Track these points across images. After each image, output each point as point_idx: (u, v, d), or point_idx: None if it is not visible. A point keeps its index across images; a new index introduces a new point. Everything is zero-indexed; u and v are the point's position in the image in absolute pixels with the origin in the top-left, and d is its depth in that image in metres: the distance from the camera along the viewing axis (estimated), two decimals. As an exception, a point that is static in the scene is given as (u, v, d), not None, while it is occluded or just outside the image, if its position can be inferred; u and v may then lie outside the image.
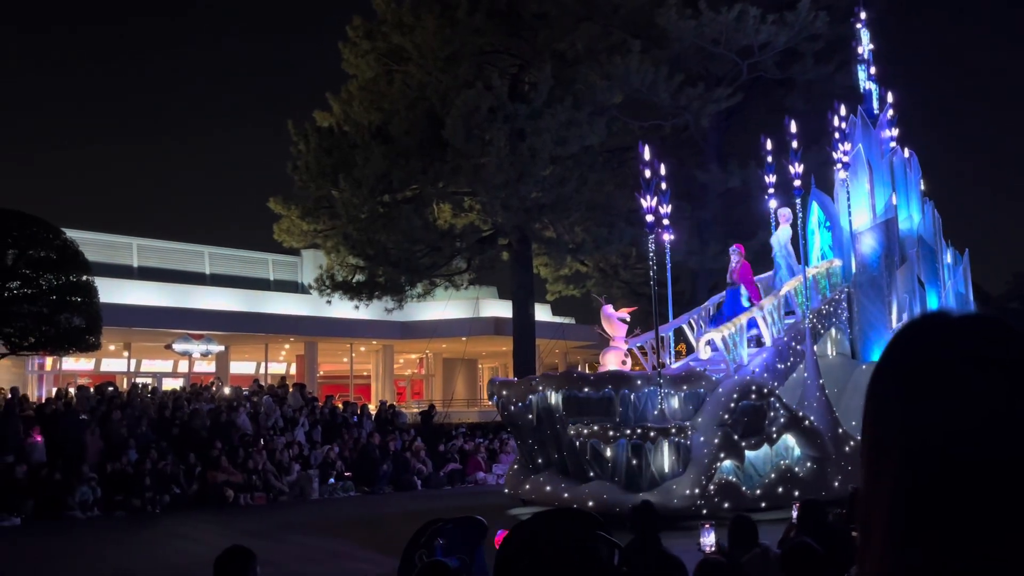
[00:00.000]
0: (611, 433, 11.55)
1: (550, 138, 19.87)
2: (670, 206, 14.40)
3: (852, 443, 12.86)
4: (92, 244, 21.09)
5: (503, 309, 27.94)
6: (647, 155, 13.34)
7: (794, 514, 7.30)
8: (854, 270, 15.68)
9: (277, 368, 32.04)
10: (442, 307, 26.36)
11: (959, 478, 0.81)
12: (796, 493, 11.62)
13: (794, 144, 14.52)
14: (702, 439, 11.58)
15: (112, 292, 20.57)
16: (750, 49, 20.81)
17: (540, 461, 12.95)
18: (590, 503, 11.38)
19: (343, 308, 24.44)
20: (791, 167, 14.54)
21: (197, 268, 27.52)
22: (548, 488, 12.48)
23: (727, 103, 21.05)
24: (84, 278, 17.20)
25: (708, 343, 13.53)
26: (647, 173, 13.41)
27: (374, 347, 31.60)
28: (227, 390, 21.66)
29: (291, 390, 21.39)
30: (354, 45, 22.68)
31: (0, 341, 16.34)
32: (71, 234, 17.81)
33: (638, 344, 14.74)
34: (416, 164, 20.56)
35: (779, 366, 13.68)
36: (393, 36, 22.03)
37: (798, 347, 13.93)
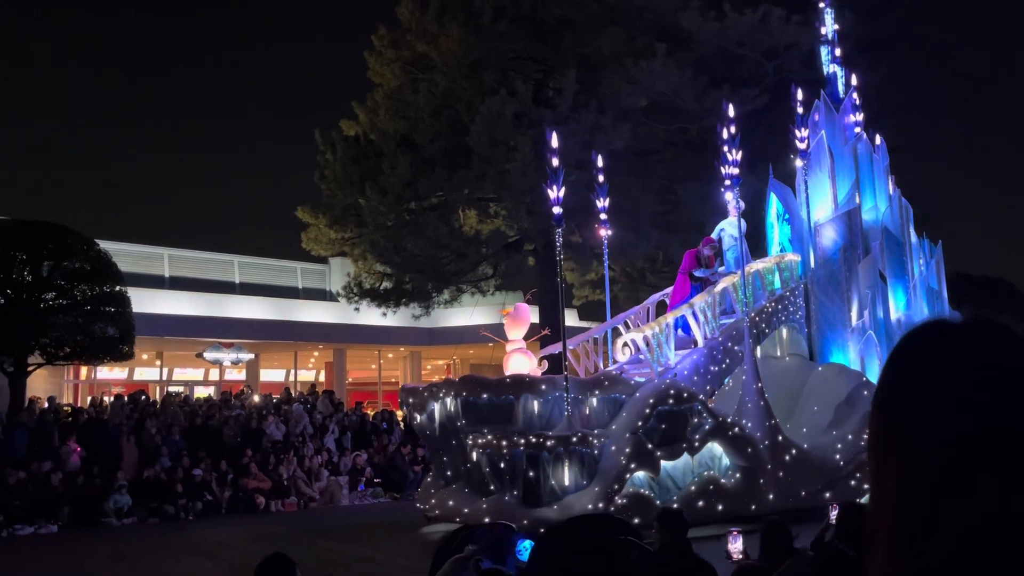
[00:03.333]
0: (504, 443, 10.46)
1: (575, 143, 19.86)
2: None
3: (794, 451, 11.94)
4: (125, 255, 21.41)
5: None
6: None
7: (832, 515, 7.18)
8: (812, 264, 14.73)
9: (306, 375, 32.28)
10: (469, 313, 26.42)
11: (962, 486, 0.81)
12: (720, 507, 10.78)
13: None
14: (613, 448, 10.60)
15: (144, 302, 20.86)
16: (775, 50, 20.66)
17: (449, 474, 11.90)
18: (486, 520, 10.41)
19: (371, 315, 24.58)
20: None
21: (227, 277, 27.82)
22: (451, 503, 11.42)
23: (753, 105, 20.91)
24: (117, 288, 17.47)
25: (626, 344, 12.54)
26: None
27: (402, 353, 31.72)
28: (257, 398, 21.87)
29: (320, 397, 21.55)
30: (379, 54, 22.85)
31: (36, 351, 16.63)
32: (104, 245, 18.11)
33: (571, 346, 13.41)
34: (441, 171, 20.65)
35: (712, 368, 12.59)
36: (418, 44, 22.17)
37: (735, 348, 12.80)
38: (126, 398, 18.67)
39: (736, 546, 5.22)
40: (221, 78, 48.72)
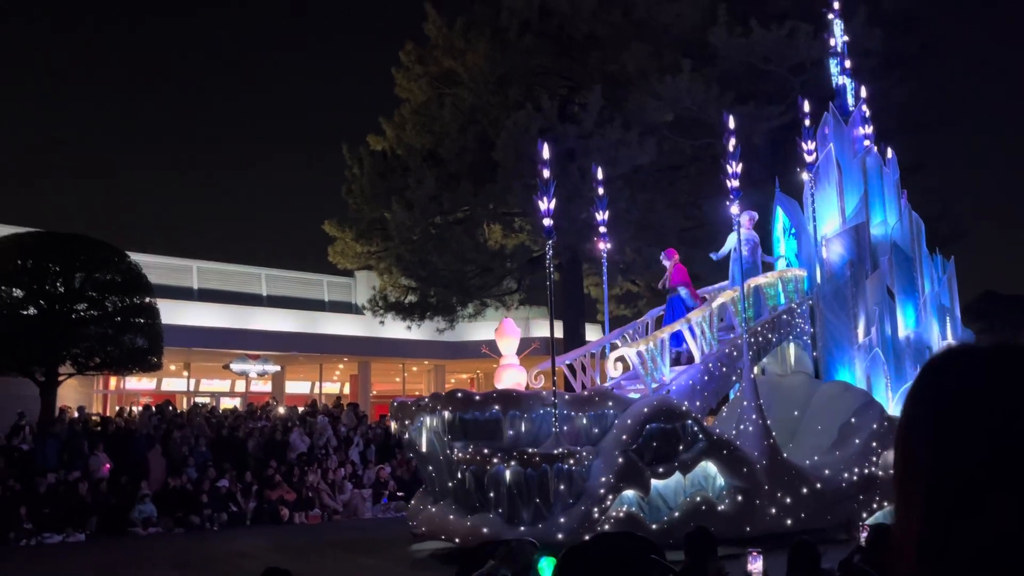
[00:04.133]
0: (487, 459, 10.14)
1: (600, 158, 19.89)
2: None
3: (793, 472, 11.56)
4: (155, 267, 21.71)
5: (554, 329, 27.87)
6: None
7: (863, 536, 7.05)
8: (819, 280, 14.39)
9: (331, 388, 32.46)
10: (493, 327, 26.45)
11: (975, 506, 0.83)
12: (713, 529, 10.18)
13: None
14: (602, 466, 10.27)
15: (173, 313, 21.11)
16: (802, 66, 20.59)
17: (438, 490, 11.56)
18: (470, 538, 10.16)
19: (395, 328, 24.70)
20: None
21: (254, 290, 28.11)
22: (437, 520, 11.06)
23: (779, 120, 20.83)
24: (147, 300, 17.71)
25: (619, 360, 12.21)
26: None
27: (426, 367, 31.81)
28: (281, 409, 22.02)
29: (345, 410, 21.66)
30: (407, 70, 23.07)
31: (68, 361, 16.89)
32: (135, 257, 18.39)
33: (567, 361, 13.29)
34: (467, 186, 20.76)
35: (709, 385, 12.23)
36: (445, 60, 22.36)
37: (733, 364, 12.48)
38: (153, 408, 18.89)
39: (756, 566, 5.17)
40: (252, 93, 49.45)
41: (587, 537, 9.22)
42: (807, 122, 14.75)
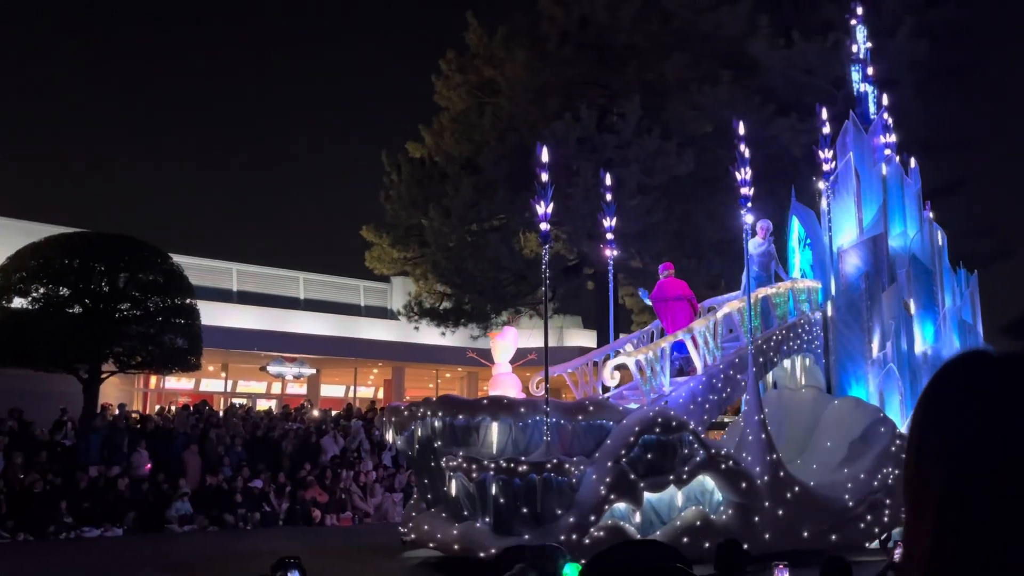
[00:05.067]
0: (474, 467, 9.92)
1: (638, 168, 19.86)
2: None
3: (797, 489, 11.14)
4: (195, 269, 22.08)
5: (587, 338, 27.83)
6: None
7: (896, 554, 6.95)
8: (833, 291, 13.99)
9: (365, 392, 32.70)
10: (526, 336, 26.47)
11: (1001, 512, 0.81)
12: (707, 545, 9.74)
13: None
14: (593, 477, 10.02)
15: (212, 315, 21.44)
16: (844, 79, 20.37)
17: (429, 497, 11.33)
18: (456, 546, 10.02)
19: (430, 335, 24.83)
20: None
21: (292, 293, 28.47)
22: (426, 528, 10.85)
23: (820, 133, 20.61)
24: (188, 301, 18.03)
25: (615, 368, 11.83)
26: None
27: (459, 373, 31.92)
28: (316, 412, 22.25)
29: (378, 414, 21.81)
30: (446, 78, 23.28)
31: (110, 359, 17.26)
32: (177, 259, 18.74)
33: (569, 370, 13.02)
34: (504, 194, 20.86)
35: (710, 397, 11.86)
36: (484, 69, 22.52)
37: (737, 376, 12.07)
38: (191, 408, 19.20)
39: (783, 580, 5.12)
40: (292, 97, 50.23)
41: (579, 551, 9.04)
42: (825, 130, 14.51)
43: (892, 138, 15.47)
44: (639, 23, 21.36)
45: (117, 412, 16.94)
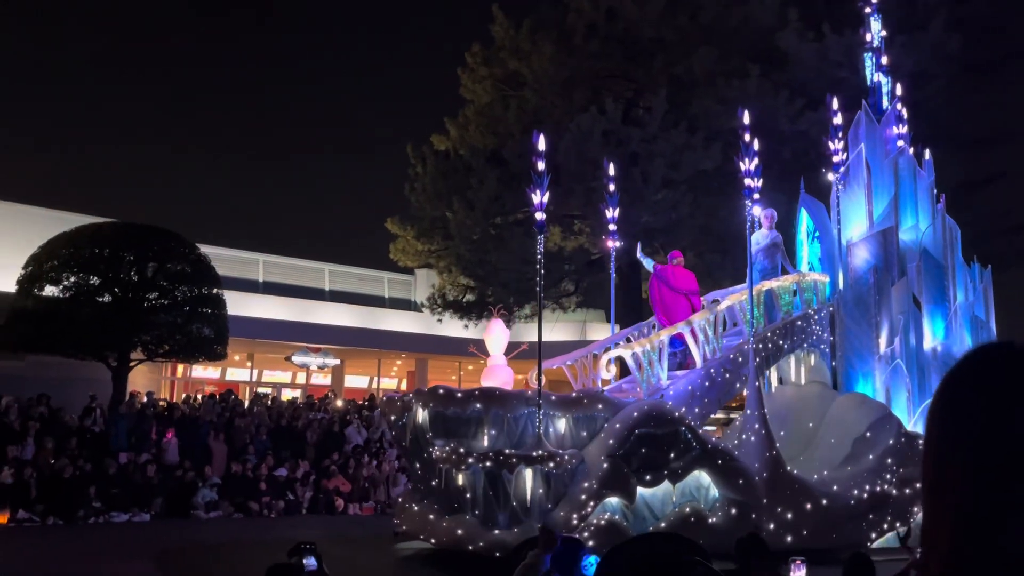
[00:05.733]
0: (463, 458, 9.73)
1: (663, 162, 19.75)
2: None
3: (796, 486, 10.93)
4: (222, 259, 22.31)
5: (610, 332, 27.76)
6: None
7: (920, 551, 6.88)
8: (841, 286, 13.70)
9: (389, 383, 32.90)
10: (549, 329, 26.48)
11: (1016, 507, 0.80)
12: (702, 543, 9.59)
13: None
14: (586, 471, 9.87)
15: (239, 305, 21.67)
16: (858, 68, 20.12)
17: (422, 488, 11.21)
18: (444, 539, 9.92)
19: (453, 327, 24.91)
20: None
21: (317, 284, 28.69)
22: (417, 519, 10.76)
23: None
24: (215, 291, 18.24)
25: (611, 361, 11.60)
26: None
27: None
28: (339, 402, 22.42)
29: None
30: (472, 71, 23.28)
31: (139, 348, 17.51)
32: (204, 249, 18.95)
33: (569, 362, 12.84)
34: (528, 187, 20.84)
35: (710, 392, 11.62)
36: (510, 62, 22.49)
37: (738, 371, 11.83)
38: (217, 397, 19.44)
39: (799, 575, 5.09)
40: (318, 90, 50.51)
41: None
42: (836, 120, 14.21)
43: (905, 129, 15.12)
44: (667, 16, 21.21)
45: (145, 400, 17.19)
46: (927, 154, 15.31)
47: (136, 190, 43.29)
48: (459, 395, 10.42)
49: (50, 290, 16.86)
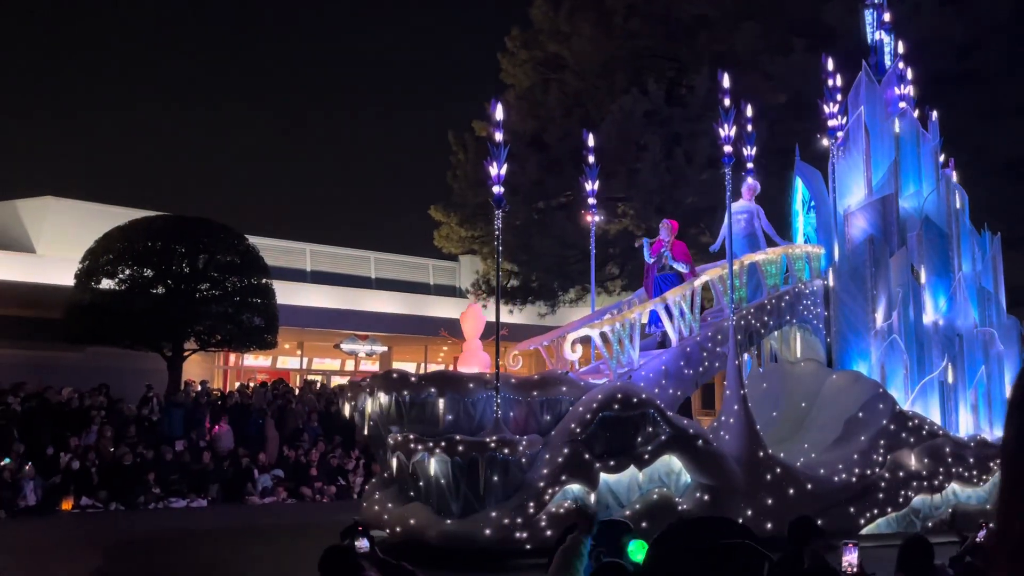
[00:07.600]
0: (411, 444, 9.29)
1: (707, 142, 19.49)
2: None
3: (779, 470, 10.30)
4: (271, 249, 22.68)
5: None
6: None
7: (980, 535, 6.69)
8: (836, 258, 12.88)
9: (437, 368, 33.15)
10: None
11: None
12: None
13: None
14: (546, 456, 9.31)
15: (287, 294, 22.03)
16: (927, 42, 19.53)
17: (386, 476, 10.61)
18: (398, 528, 9.50)
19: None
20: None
21: (363, 272, 29.00)
22: (376, 508, 10.20)
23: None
24: (264, 281, 18.57)
25: (576, 341, 10.95)
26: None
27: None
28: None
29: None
30: (511, 55, 23.20)
31: (192, 338, 17.93)
32: (253, 240, 19.28)
33: (545, 343, 12.34)
34: (570, 171, 20.75)
35: (685, 371, 10.95)
36: (550, 44, 22.36)
37: (717, 349, 11.18)
38: (269, 384, 19.83)
39: (851, 558, 5.03)
40: (363, 78, 50.89)
41: (524, 534, 8.85)
42: (831, 82, 13.38)
43: (908, 90, 14.17)
44: (708, -8, 20.89)
45: (199, 388, 17.60)
46: (933, 115, 14.38)
47: (187, 184, 44.23)
48: (413, 379, 10.00)
49: (106, 283, 17.34)
